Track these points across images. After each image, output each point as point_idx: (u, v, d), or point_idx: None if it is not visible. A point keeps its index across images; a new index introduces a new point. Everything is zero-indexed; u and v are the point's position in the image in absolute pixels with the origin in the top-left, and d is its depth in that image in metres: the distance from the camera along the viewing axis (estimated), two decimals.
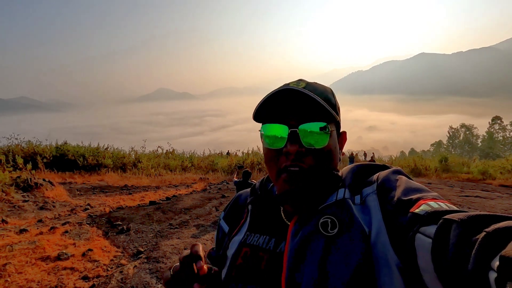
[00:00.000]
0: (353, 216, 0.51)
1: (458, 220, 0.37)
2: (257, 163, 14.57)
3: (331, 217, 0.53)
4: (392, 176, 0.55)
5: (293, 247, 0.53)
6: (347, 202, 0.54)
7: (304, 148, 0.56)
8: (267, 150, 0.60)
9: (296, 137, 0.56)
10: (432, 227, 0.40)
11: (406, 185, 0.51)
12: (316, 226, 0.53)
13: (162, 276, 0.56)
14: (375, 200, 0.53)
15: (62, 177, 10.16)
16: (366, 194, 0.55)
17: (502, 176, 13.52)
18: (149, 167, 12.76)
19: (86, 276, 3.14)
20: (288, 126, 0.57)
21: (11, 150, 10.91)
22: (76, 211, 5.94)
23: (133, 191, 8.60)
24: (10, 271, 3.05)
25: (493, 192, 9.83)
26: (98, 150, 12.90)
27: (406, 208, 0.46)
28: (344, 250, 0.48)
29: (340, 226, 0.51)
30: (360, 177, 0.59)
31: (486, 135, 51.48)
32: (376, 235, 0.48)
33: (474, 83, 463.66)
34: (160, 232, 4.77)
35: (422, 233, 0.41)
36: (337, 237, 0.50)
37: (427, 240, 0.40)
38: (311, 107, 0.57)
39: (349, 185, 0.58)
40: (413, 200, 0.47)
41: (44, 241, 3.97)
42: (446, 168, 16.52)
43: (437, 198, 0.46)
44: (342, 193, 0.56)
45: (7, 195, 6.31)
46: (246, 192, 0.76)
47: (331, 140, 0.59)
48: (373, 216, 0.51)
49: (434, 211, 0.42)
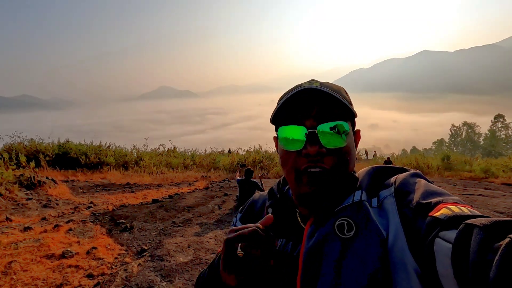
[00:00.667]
0: (369, 219, 0.51)
1: (480, 225, 0.36)
2: (258, 161, 14.56)
3: (348, 219, 0.52)
4: (411, 179, 0.54)
5: (309, 249, 0.53)
6: (364, 204, 0.53)
7: (325, 149, 0.55)
8: (284, 152, 0.59)
9: (315, 138, 0.55)
10: (452, 231, 0.39)
11: (426, 188, 0.50)
12: (332, 228, 0.52)
13: (223, 257, 0.50)
14: (392, 203, 0.51)
15: (64, 175, 10.20)
16: (383, 197, 0.54)
17: (504, 175, 13.46)
18: (151, 165, 12.78)
19: (91, 274, 3.16)
20: (305, 127, 0.56)
21: (14, 148, 10.95)
22: (79, 209, 5.97)
23: (135, 189, 8.63)
24: (16, 269, 3.07)
25: (496, 190, 9.79)
26: (100, 148, 12.94)
27: (425, 211, 0.45)
28: (360, 253, 0.48)
29: (357, 229, 0.50)
30: (377, 180, 0.58)
31: (488, 133, 51.26)
32: (394, 239, 0.47)
33: (477, 81, 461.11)
34: (163, 230, 4.79)
35: (441, 237, 0.40)
36: (353, 240, 0.49)
37: (446, 245, 0.39)
38: (329, 106, 0.56)
39: (366, 187, 0.57)
40: (433, 203, 0.45)
41: (49, 239, 3.99)
42: (449, 167, 16.46)
43: (458, 202, 0.45)
44: (359, 195, 0.55)
45: (10, 193, 6.34)
46: (262, 195, 0.75)
47: (350, 139, 0.58)
48: (391, 220, 0.50)
49: (455, 216, 0.41)
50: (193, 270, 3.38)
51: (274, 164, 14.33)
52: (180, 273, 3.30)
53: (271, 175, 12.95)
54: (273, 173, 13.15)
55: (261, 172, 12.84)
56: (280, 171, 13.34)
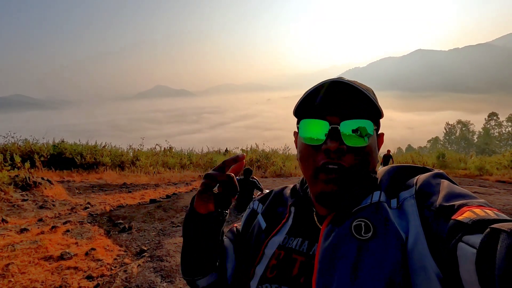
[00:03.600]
0: (388, 220, 0.49)
1: (508, 230, 0.34)
2: (256, 160, 14.55)
3: (365, 220, 0.51)
4: (433, 180, 0.52)
5: (325, 250, 0.52)
6: (383, 205, 0.52)
7: (346, 146, 0.53)
8: (304, 146, 0.58)
9: (337, 134, 0.53)
10: (477, 236, 0.37)
11: (449, 190, 0.48)
12: (349, 229, 0.51)
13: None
14: (413, 205, 0.50)
15: (60, 175, 10.10)
16: (403, 198, 0.52)
17: (498, 172, 13.64)
18: (147, 165, 12.71)
19: (90, 275, 3.14)
20: (329, 122, 0.54)
21: (8, 149, 10.81)
22: (76, 209, 5.92)
23: (132, 189, 8.58)
24: (14, 271, 3.04)
25: (491, 187, 9.92)
26: (96, 148, 12.82)
27: (448, 214, 0.43)
28: (378, 255, 0.46)
29: (374, 230, 0.49)
30: (397, 180, 0.56)
31: (482, 131, 51.88)
32: (414, 242, 0.46)
33: (471, 80, 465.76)
34: (162, 230, 4.77)
35: (465, 242, 0.38)
36: (370, 241, 0.48)
37: (470, 250, 0.37)
38: (355, 103, 0.55)
39: (385, 188, 0.55)
40: (456, 206, 0.43)
41: (46, 240, 3.95)
42: (444, 164, 16.63)
43: (484, 205, 0.43)
44: (378, 196, 0.54)
45: (6, 194, 6.26)
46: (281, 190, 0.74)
47: (373, 140, 0.57)
48: (411, 222, 0.48)
49: (479, 219, 0.39)
50: None
51: (271, 163, 14.33)
52: (181, 274, 3.29)
53: (268, 174, 12.95)
54: (270, 172, 13.16)
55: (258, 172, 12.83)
56: (277, 170, 13.35)
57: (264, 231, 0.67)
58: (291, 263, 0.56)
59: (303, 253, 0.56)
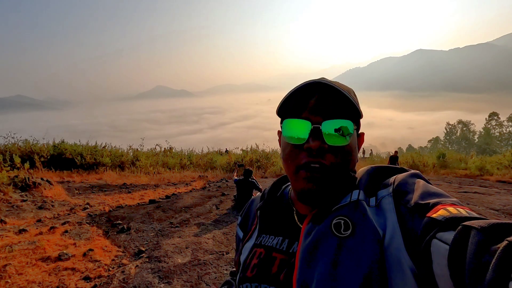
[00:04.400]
0: (367, 218, 0.51)
1: (478, 227, 0.36)
2: (255, 161, 14.53)
3: (345, 218, 0.52)
4: (410, 179, 0.54)
5: (306, 247, 0.53)
6: (361, 204, 0.53)
7: (327, 145, 0.55)
8: (286, 145, 0.59)
9: (318, 134, 0.55)
10: (450, 233, 0.39)
11: (424, 189, 0.50)
12: (329, 227, 0.52)
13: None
14: (390, 203, 0.52)
15: (60, 176, 10.09)
16: (381, 196, 0.54)
17: (499, 172, 13.60)
18: (147, 165, 12.70)
19: (88, 276, 3.12)
20: (311, 122, 0.56)
21: (8, 149, 10.81)
22: (75, 210, 5.91)
23: (132, 189, 8.56)
24: (11, 272, 3.02)
25: (491, 188, 9.88)
26: (96, 149, 12.81)
27: (423, 212, 0.45)
28: (356, 252, 0.48)
29: (353, 228, 0.50)
30: (376, 179, 0.58)
31: (483, 131, 51.76)
32: (390, 239, 0.47)
33: (471, 79, 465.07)
34: (161, 231, 4.75)
35: (439, 239, 0.40)
36: (349, 238, 0.50)
37: (443, 246, 0.39)
38: (336, 103, 0.56)
39: (364, 187, 0.57)
40: (431, 204, 0.45)
41: (44, 241, 3.94)
42: (444, 164, 16.59)
43: (457, 204, 0.45)
44: (357, 195, 0.55)
45: (5, 194, 6.25)
46: (258, 197, 0.76)
47: (353, 139, 0.58)
48: (388, 219, 0.50)
49: (452, 217, 0.41)
50: (192, 271, 3.35)
51: (272, 164, 14.31)
52: (179, 274, 3.28)
53: (268, 174, 12.94)
54: (270, 173, 13.14)
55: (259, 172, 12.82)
56: (277, 170, 13.34)
57: (242, 240, 0.71)
58: (270, 261, 0.58)
59: (283, 251, 0.58)
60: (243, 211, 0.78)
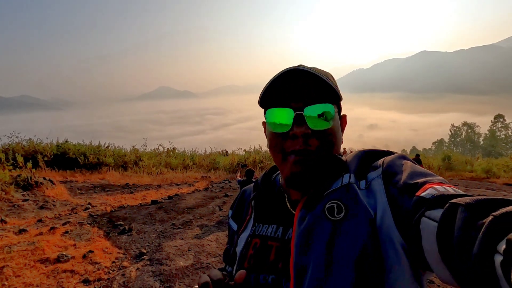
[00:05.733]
0: (358, 200, 0.52)
1: (464, 204, 0.37)
2: (259, 161, 14.45)
3: (337, 201, 0.53)
4: (398, 160, 0.55)
5: (300, 233, 0.53)
6: (352, 187, 0.54)
7: (310, 130, 0.55)
8: (272, 134, 0.60)
9: (302, 120, 0.56)
10: (438, 210, 0.40)
11: (412, 169, 0.51)
12: (322, 211, 0.53)
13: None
14: (380, 184, 0.53)
15: (63, 175, 10.07)
16: (371, 178, 0.55)
17: (506, 175, 13.37)
18: (150, 166, 12.65)
19: (87, 279, 3.03)
20: (293, 109, 0.56)
21: (12, 149, 10.81)
22: (76, 210, 5.84)
23: (134, 189, 8.50)
24: (8, 274, 2.94)
25: (499, 191, 9.69)
26: (99, 149, 12.81)
27: (412, 191, 0.46)
28: (350, 233, 0.49)
29: (346, 211, 0.51)
30: (365, 163, 0.59)
31: (488, 134, 51.18)
32: (381, 218, 0.49)
33: (476, 81, 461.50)
34: (163, 232, 4.66)
35: (427, 216, 0.41)
36: (343, 221, 0.51)
37: (432, 224, 0.40)
38: (316, 88, 0.57)
39: (354, 170, 0.58)
40: (419, 183, 0.46)
41: (44, 242, 3.86)
42: (449, 167, 16.35)
43: (443, 182, 0.46)
44: (347, 178, 0.56)
45: (6, 194, 6.21)
46: (250, 187, 0.76)
47: (336, 122, 0.59)
48: (378, 200, 0.51)
49: (440, 195, 0.42)
50: (194, 274, 3.25)
51: None
52: (180, 278, 3.18)
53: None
54: None
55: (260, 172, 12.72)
56: None
57: (236, 232, 0.71)
58: (267, 250, 0.58)
59: (278, 239, 0.58)
60: (234, 203, 0.78)
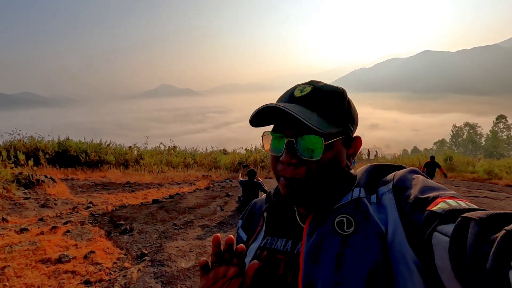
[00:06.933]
0: (369, 215, 0.51)
1: (476, 218, 0.36)
2: (260, 161, 14.41)
3: (347, 216, 0.52)
4: (409, 175, 0.55)
5: (309, 247, 0.53)
6: (363, 201, 0.54)
7: (297, 160, 0.55)
8: (270, 155, 0.62)
9: (292, 148, 0.56)
10: (450, 225, 0.40)
11: (423, 184, 0.50)
12: (331, 226, 0.53)
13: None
14: (391, 199, 0.52)
15: (64, 173, 10.07)
16: (381, 193, 0.54)
17: (508, 176, 13.29)
18: (151, 164, 12.64)
19: (88, 280, 3.01)
20: (285, 136, 0.57)
21: (13, 146, 10.81)
22: (78, 209, 5.83)
23: (135, 188, 8.49)
24: (9, 275, 2.93)
25: (501, 192, 9.64)
26: (100, 146, 12.79)
27: (423, 206, 0.46)
28: (360, 248, 0.48)
29: (356, 225, 0.51)
30: (375, 177, 0.59)
31: (490, 134, 50.97)
32: (393, 234, 0.48)
33: (478, 81, 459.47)
34: (164, 232, 4.64)
35: (439, 231, 0.40)
36: (352, 235, 0.50)
37: (444, 239, 0.39)
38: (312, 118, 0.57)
39: (364, 185, 0.57)
40: (431, 198, 0.46)
41: (45, 241, 3.84)
42: (451, 167, 16.28)
43: (456, 196, 0.46)
44: (357, 192, 0.56)
45: (8, 192, 6.20)
46: (261, 199, 0.77)
47: (329, 152, 0.58)
48: (389, 215, 0.50)
49: (452, 209, 0.41)
50: (196, 276, 3.23)
51: None
52: (182, 280, 3.16)
53: (272, 174, 12.80)
54: None
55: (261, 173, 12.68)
56: None
57: (245, 242, 0.71)
58: (275, 263, 0.58)
59: (287, 253, 0.58)
60: (244, 213, 0.79)
